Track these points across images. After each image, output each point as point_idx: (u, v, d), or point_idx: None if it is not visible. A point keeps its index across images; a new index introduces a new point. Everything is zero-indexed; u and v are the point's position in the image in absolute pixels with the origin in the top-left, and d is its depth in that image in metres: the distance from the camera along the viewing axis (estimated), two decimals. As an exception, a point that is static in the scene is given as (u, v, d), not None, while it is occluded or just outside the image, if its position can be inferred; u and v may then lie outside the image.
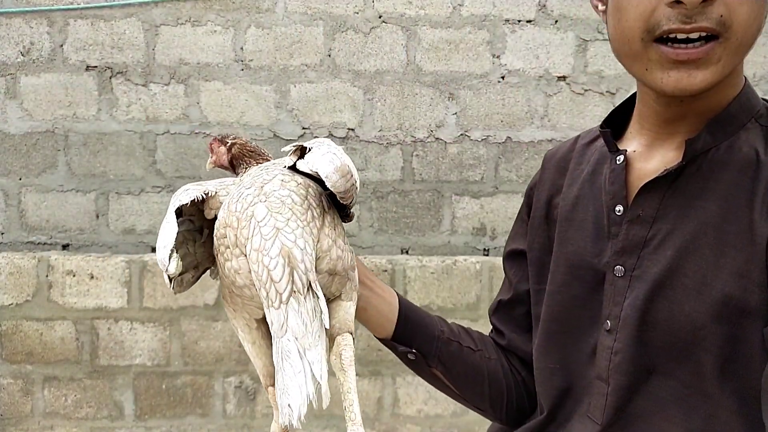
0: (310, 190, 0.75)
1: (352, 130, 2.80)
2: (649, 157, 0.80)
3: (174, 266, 0.73)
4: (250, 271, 0.68)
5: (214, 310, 2.69)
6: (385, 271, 2.66)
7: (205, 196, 0.78)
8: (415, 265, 2.67)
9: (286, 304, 0.64)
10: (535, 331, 0.91)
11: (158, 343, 2.69)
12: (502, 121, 2.83)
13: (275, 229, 0.68)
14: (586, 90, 2.86)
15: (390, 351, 0.93)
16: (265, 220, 0.69)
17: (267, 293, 0.65)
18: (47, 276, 2.67)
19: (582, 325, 0.82)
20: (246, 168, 0.85)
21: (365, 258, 2.69)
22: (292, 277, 0.66)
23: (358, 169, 3.03)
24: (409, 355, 0.90)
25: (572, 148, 0.93)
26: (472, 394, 0.95)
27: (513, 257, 0.99)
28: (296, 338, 0.63)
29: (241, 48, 2.75)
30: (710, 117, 0.76)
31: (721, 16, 0.66)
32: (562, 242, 0.87)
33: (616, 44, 0.77)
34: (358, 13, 2.77)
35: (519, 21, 2.82)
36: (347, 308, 0.76)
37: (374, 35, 2.78)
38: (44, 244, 2.78)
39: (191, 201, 0.76)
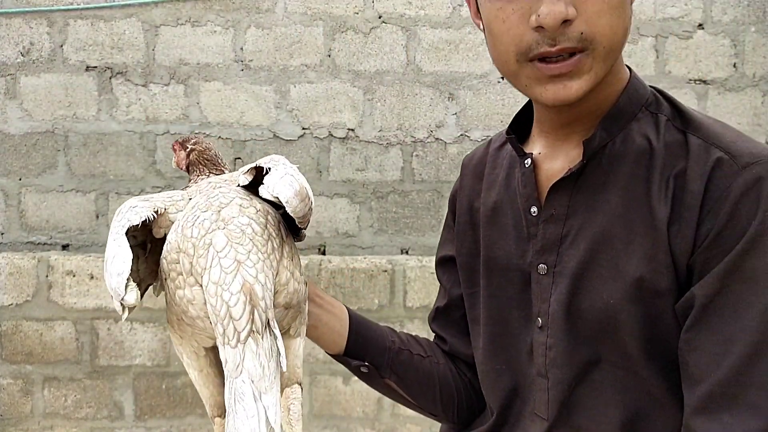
0: (269, 217, 0.71)
1: (352, 130, 2.80)
2: (554, 157, 0.84)
3: (133, 297, 0.66)
4: (205, 303, 0.64)
5: (214, 310, 2.69)
6: (385, 271, 2.66)
7: (155, 215, 0.72)
8: (415, 265, 2.67)
9: (244, 343, 0.60)
10: (473, 334, 0.94)
11: (158, 343, 2.69)
12: (502, 122, 2.83)
13: (236, 262, 0.63)
14: (586, 90, 2.86)
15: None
16: (225, 250, 0.64)
17: (224, 330, 0.61)
18: (47, 276, 2.67)
19: (519, 325, 0.86)
20: (198, 176, 0.83)
21: (365, 258, 2.69)
22: (252, 315, 0.61)
23: (358, 170, 3.04)
24: (362, 369, 0.91)
25: (486, 153, 0.97)
26: (425, 400, 0.97)
27: (444, 264, 1.02)
28: (252, 381, 0.59)
29: (241, 48, 2.75)
30: (602, 114, 0.80)
31: (582, 33, 0.71)
32: (488, 246, 0.90)
33: (495, 63, 0.81)
34: (358, 13, 2.78)
35: (519, 21, 2.82)
36: (297, 349, 0.73)
37: (374, 35, 2.78)
38: (44, 244, 2.78)
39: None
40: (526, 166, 0.85)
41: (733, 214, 0.69)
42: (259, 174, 0.76)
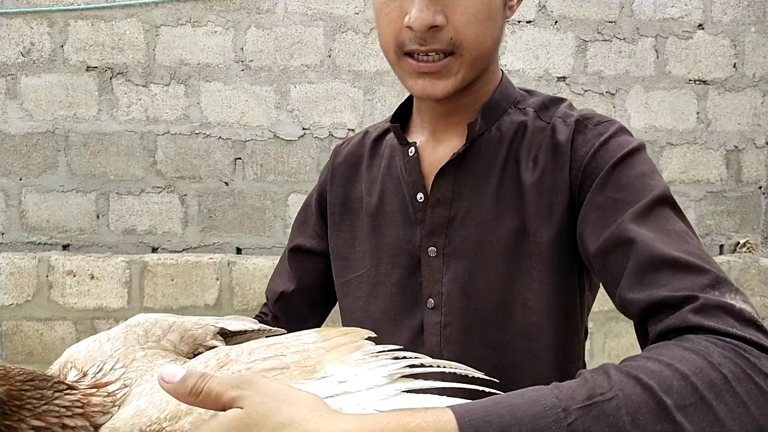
0: None
1: (352, 130, 2.80)
2: (436, 146, 0.91)
3: None
4: None
5: (215, 310, 2.69)
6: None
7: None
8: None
9: None
10: (345, 321, 0.97)
11: (158, 343, 2.69)
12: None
13: None
14: (585, 90, 2.86)
15: None
16: None
17: None
18: (47, 276, 2.67)
19: (404, 309, 0.90)
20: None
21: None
22: None
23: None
24: None
25: (363, 143, 1.01)
26: None
27: (296, 252, 1.05)
28: None
29: (242, 48, 2.75)
30: (478, 107, 0.89)
31: (451, 38, 0.79)
32: (376, 235, 0.93)
33: (383, 52, 0.88)
34: (358, 13, 2.78)
35: (519, 21, 2.82)
36: None
37: (374, 36, 2.78)
38: (44, 244, 2.78)
39: None
40: (410, 154, 0.91)
41: (596, 153, 0.79)
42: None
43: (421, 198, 0.89)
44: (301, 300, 1.04)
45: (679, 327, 0.60)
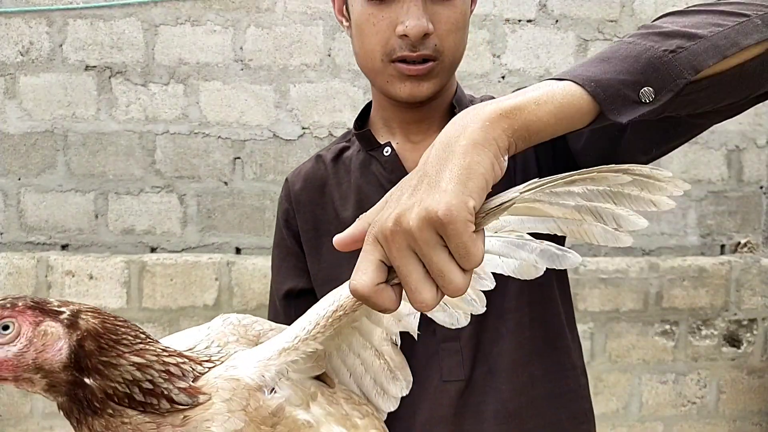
0: None
1: (352, 130, 2.79)
2: (415, 147, 0.99)
3: None
4: None
5: (214, 310, 2.68)
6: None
7: None
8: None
9: None
10: None
11: (158, 343, 2.69)
12: (502, 121, 2.82)
13: None
14: (586, 90, 2.85)
15: None
16: None
17: None
18: (46, 276, 2.67)
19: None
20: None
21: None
22: None
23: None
24: None
25: (320, 167, 1.04)
26: None
27: (290, 298, 1.03)
28: None
29: (241, 48, 2.75)
30: (442, 112, 1.00)
31: (436, 45, 0.90)
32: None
33: (360, 60, 0.96)
34: (358, 12, 2.77)
35: (519, 20, 2.82)
36: None
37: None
38: (43, 244, 2.77)
39: None
40: (386, 154, 0.98)
41: None
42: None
43: None
44: None
45: None
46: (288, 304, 1.02)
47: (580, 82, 0.58)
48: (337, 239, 0.56)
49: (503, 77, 2.84)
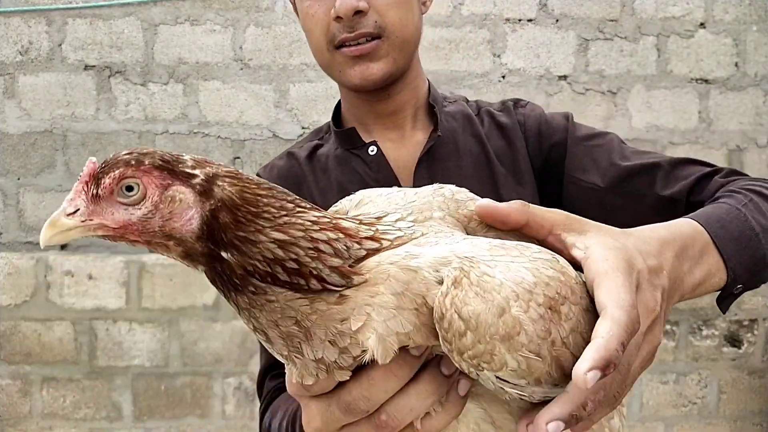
0: None
1: (352, 129, 2.78)
2: (396, 149, 1.00)
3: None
4: None
5: (213, 310, 2.68)
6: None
7: None
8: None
9: None
10: None
11: (157, 343, 2.68)
12: (502, 121, 2.82)
13: None
14: (587, 89, 2.85)
15: None
16: None
17: None
18: (45, 276, 2.66)
19: None
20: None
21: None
22: None
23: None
24: None
25: (295, 165, 1.04)
26: None
27: None
28: None
29: (240, 47, 2.74)
30: (417, 108, 1.02)
31: (376, 21, 0.90)
32: None
33: (316, 58, 0.99)
34: (357, 12, 2.76)
35: (520, 20, 2.81)
36: None
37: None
38: (43, 244, 2.77)
39: None
40: (372, 153, 0.99)
41: (542, 123, 1.02)
42: None
43: None
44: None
45: (720, 187, 0.90)
46: None
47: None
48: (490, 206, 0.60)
49: (503, 77, 2.83)
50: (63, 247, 2.78)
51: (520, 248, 0.55)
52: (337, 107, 1.08)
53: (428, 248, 0.55)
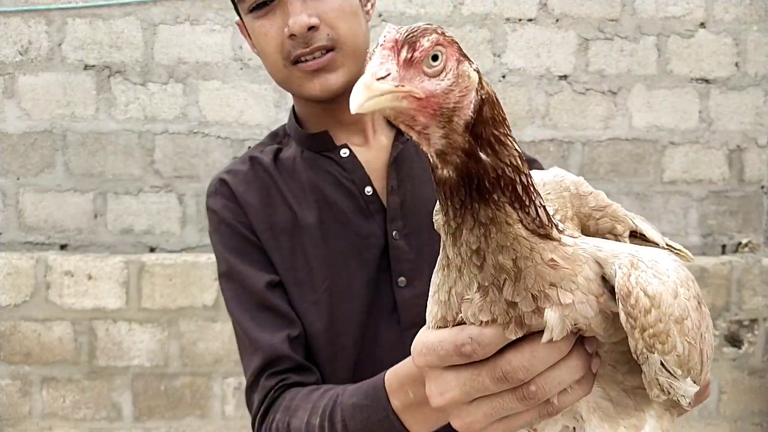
0: None
1: (352, 129, 2.78)
2: (362, 152, 1.02)
3: None
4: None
5: (213, 311, 2.67)
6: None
7: None
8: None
9: None
10: (314, 331, 0.99)
11: (157, 344, 2.68)
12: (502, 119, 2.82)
13: None
14: (587, 89, 2.85)
15: None
16: None
17: None
18: (45, 276, 2.66)
19: (371, 299, 0.96)
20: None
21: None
22: None
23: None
24: None
25: (260, 169, 1.04)
26: None
27: (274, 288, 0.99)
28: None
29: (240, 47, 2.73)
30: (378, 117, 1.01)
31: (328, 34, 0.93)
32: (327, 244, 0.98)
33: (272, 75, 1.00)
34: (357, 11, 2.76)
35: (520, 20, 2.81)
36: None
37: (374, 34, 2.75)
38: (42, 244, 2.77)
39: None
40: (344, 155, 1.01)
41: None
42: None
43: (369, 191, 0.99)
44: (302, 331, 0.99)
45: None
46: (272, 293, 0.99)
47: None
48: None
49: (504, 76, 2.83)
50: (63, 246, 2.77)
51: (657, 251, 0.59)
52: (293, 112, 1.09)
53: (603, 243, 0.58)
